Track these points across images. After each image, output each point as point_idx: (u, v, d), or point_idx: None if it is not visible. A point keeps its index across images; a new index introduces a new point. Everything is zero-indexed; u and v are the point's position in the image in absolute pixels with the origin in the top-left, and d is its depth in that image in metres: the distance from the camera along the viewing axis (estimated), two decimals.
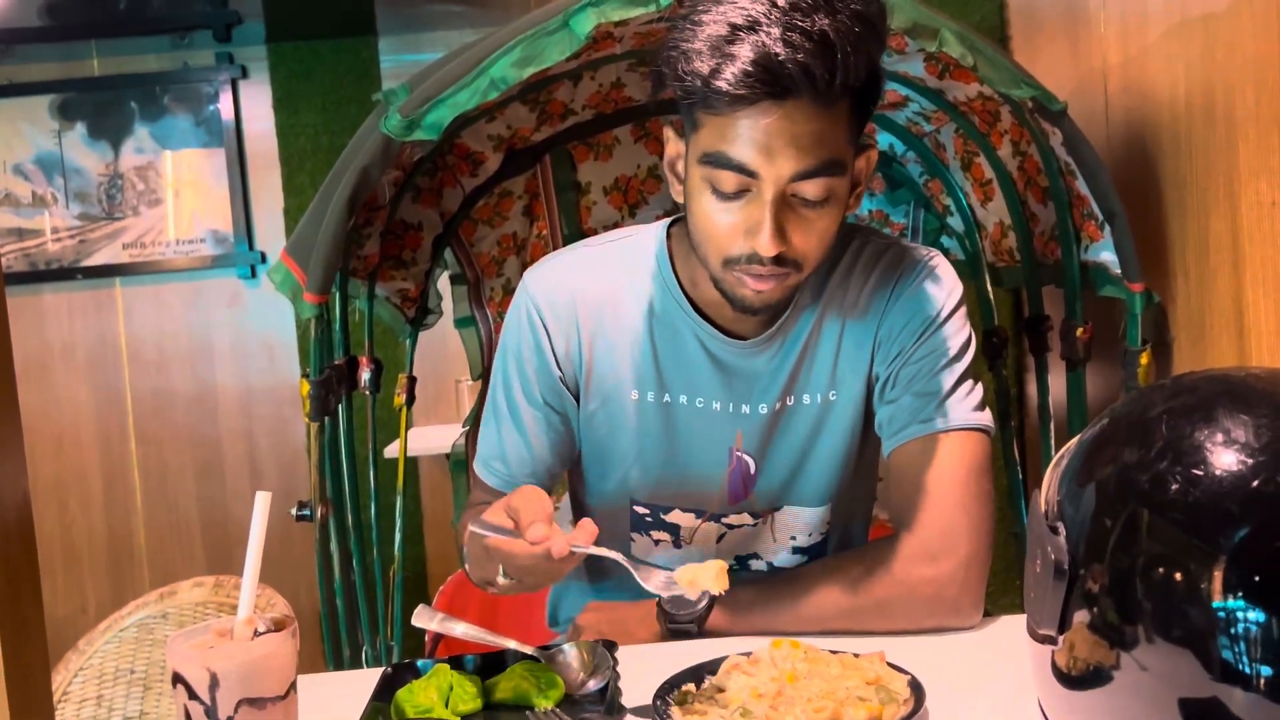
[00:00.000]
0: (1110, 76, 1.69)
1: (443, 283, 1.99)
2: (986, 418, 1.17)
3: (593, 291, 1.23)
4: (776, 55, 0.95)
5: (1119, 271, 1.46)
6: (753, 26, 0.97)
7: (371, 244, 1.73)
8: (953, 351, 1.18)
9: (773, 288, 1.09)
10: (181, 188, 2.91)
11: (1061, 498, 0.76)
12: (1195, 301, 1.42)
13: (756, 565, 1.30)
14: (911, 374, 1.17)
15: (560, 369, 1.23)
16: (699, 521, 1.26)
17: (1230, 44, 1.28)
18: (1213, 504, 0.67)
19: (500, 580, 1.06)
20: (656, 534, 1.28)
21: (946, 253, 1.97)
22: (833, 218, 1.07)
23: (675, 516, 1.26)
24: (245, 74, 2.88)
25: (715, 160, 1.03)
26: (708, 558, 1.28)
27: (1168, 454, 0.70)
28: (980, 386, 1.19)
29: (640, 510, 1.27)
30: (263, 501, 0.81)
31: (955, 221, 1.89)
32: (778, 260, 1.05)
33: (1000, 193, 1.73)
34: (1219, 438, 0.69)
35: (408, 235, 1.83)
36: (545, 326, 1.22)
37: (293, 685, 0.81)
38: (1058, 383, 1.70)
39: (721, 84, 0.97)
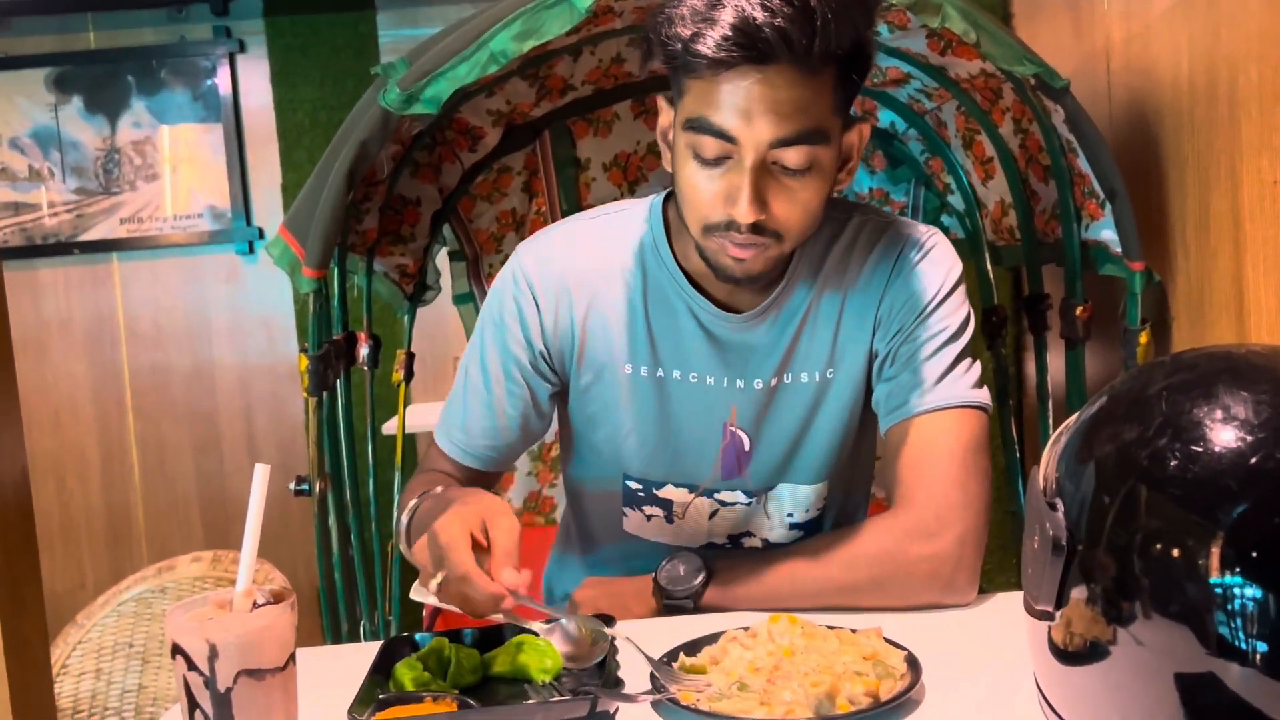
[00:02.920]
0: (1113, 54, 1.69)
1: (441, 259, 1.99)
2: (984, 395, 1.17)
3: (586, 265, 1.22)
4: (755, 19, 0.96)
5: (1119, 250, 1.46)
6: None
7: (370, 219, 1.72)
8: (952, 329, 1.18)
9: (753, 256, 1.08)
10: (179, 163, 2.90)
11: (1060, 474, 0.76)
12: (1195, 280, 1.42)
13: (750, 543, 1.30)
14: (910, 351, 1.17)
15: (546, 344, 1.23)
16: (691, 497, 1.26)
17: (1233, 21, 1.27)
18: (1212, 480, 0.67)
19: (431, 585, 1.01)
20: (649, 509, 1.28)
21: (947, 231, 1.96)
22: (816, 190, 1.07)
23: (668, 492, 1.26)
24: (243, 48, 2.86)
25: (697, 125, 1.04)
26: (699, 535, 1.29)
27: (1167, 430, 0.70)
28: (978, 365, 1.19)
29: (633, 485, 1.27)
30: (261, 474, 0.81)
31: (956, 200, 1.88)
32: (757, 229, 1.06)
33: (1001, 171, 1.73)
34: (1218, 414, 0.69)
35: (406, 210, 1.82)
36: (536, 300, 1.22)
37: (291, 657, 0.81)
38: (1056, 361, 1.70)
39: (701, 48, 0.98)
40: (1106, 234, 1.49)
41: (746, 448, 1.24)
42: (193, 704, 0.77)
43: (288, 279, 1.54)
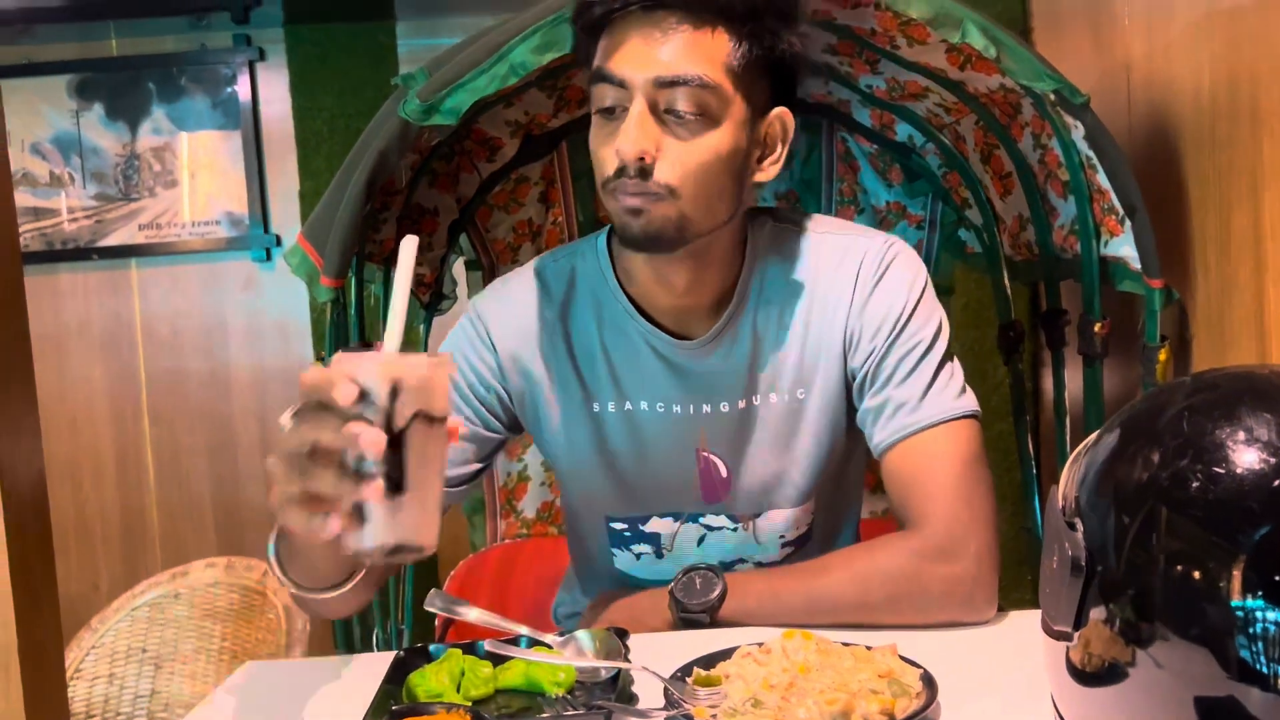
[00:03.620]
0: (1133, 69, 1.68)
1: (458, 268, 1.99)
2: (971, 402, 1.16)
3: (544, 309, 1.22)
4: None
5: (1138, 267, 1.45)
6: None
7: (388, 228, 1.73)
8: (927, 341, 1.16)
9: (642, 205, 1.07)
10: (197, 169, 2.91)
11: (1079, 493, 0.76)
12: (1216, 299, 1.41)
13: (741, 569, 1.28)
14: (889, 371, 1.16)
15: (507, 387, 1.22)
16: (678, 525, 1.25)
17: (1256, 38, 1.26)
18: (1233, 502, 0.67)
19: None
20: (637, 548, 1.27)
21: (964, 246, 1.97)
22: (714, 150, 1.07)
23: (654, 525, 1.25)
24: (263, 56, 2.87)
25: (594, 76, 1.09)
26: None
27: (1188, 451, 0.69)
28: (959, 368, 1.18)
29: (617, 526, 1.26)
30: (409, 245, 0.85)
31: (974, 214, 1.87)
32: (644, 174, 1.06)
33: (1020, 185, 1.72)
34: (1240, 435, 0.68)
35: (424, 220, 1.83)
36: (494, 345, 1.21)
37: (445, 416, 0.82)
38: (1074, 378, 1.69)
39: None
40: (1126, 250, 1.48)
41: (724, 474, 1.23)
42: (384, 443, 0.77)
43: (304, 286, 1.54)
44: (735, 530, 1.25)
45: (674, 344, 1.19)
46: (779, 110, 1.12)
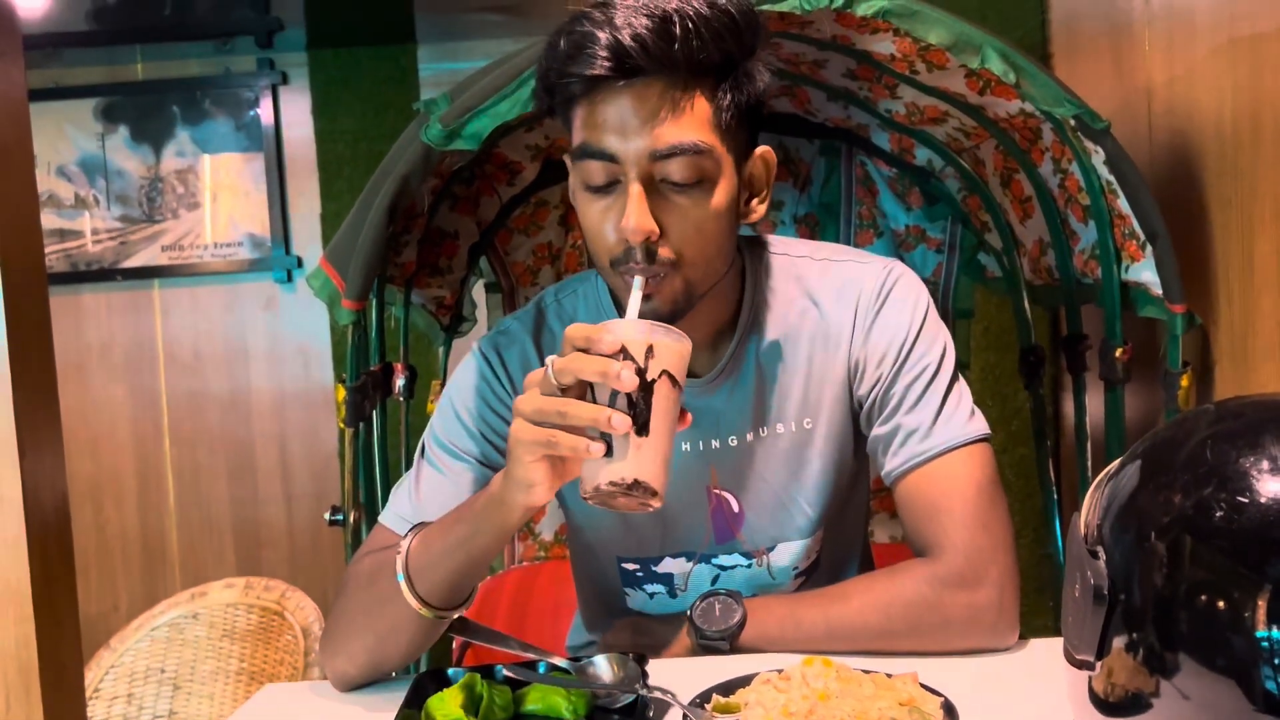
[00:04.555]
0: (1155, 95, 1.68)
1: (478, 291, 2.00)
2: (982, 424, 1.15)
3: (549, 348, 1.21)
4: (620, 36, 0.99)
5: (1160, 292, 1.44)
6: (604, 10, 1.02)
7: (409, 251, 1.74)
8: (934, 365, 1.15)
9: (653, 290, 1.05)
10: (220, 191, 2.94)
11: (1102, 521, 0.75)
12: (1239, 325, 1.40)
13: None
14: (896, 399, 1.15)
15: None
16: (690, 565, 1.24)
17: (1278, 65, 1.26)
18: (1259, 532, 0.66)
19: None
20: (650, 588, 1.26)
21: (984, 270, 1.96)
22: (713, 212, 1.05)
23: (666, 565, 1.24)
24: (286, 80, 2.90)
25: (582, 151, 1.05)
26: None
27: (1212, 480, 0.69)
28: (966, 389, 1.16)
29: (629, 567, 1.25)
30: (638, 285, 1.01)
31: (993, 238, 1.87)
32: (651, 255, 1.03)
33: (1040, 210, 1.72)
34: (1265, 464, 0.68)
35: (444, 243, 1.84)
36: (508, 378, 1.20)
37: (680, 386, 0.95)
38: (1095, 403, 1.68)
39: (574, 68, 1.01)
40: (1147, 275, 1.47)
41: (736, 509, 1.22)
42: (614, 395, 0.92)
43: (324, 307, 1.55)
44: (749, 566, 1.24)
45: None
46: (760, 150, 1.12)
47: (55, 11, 2.75)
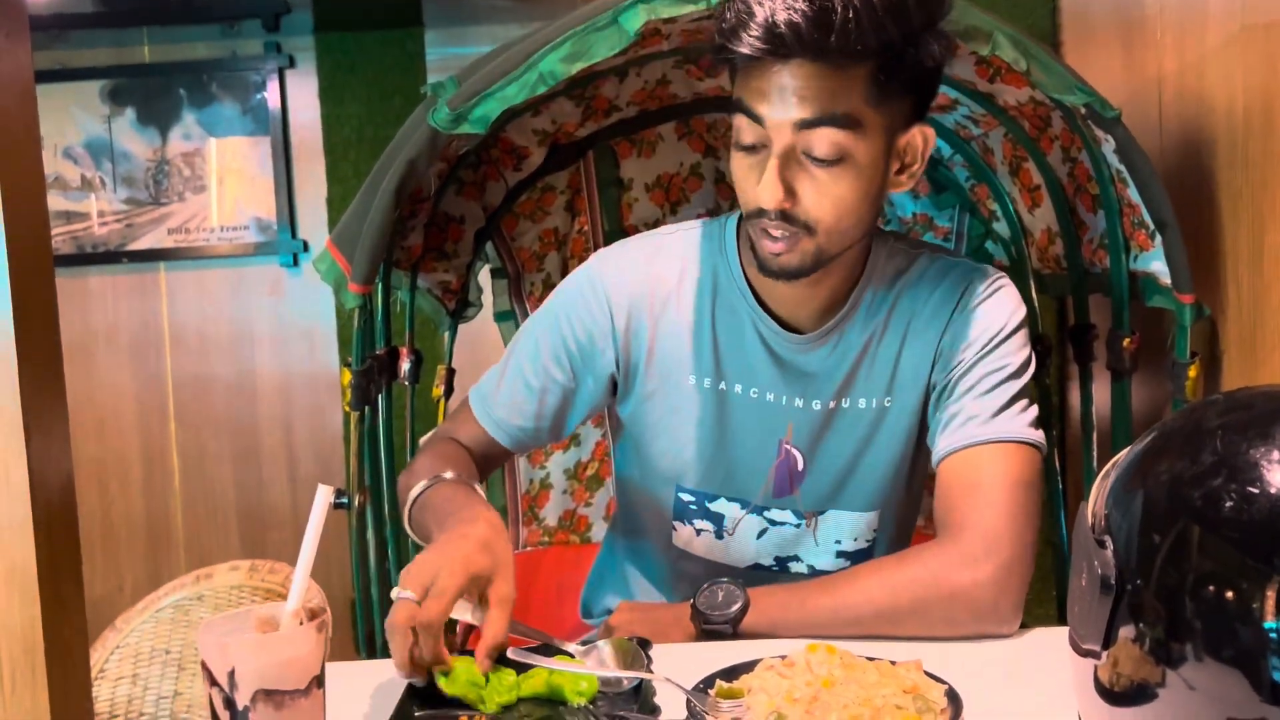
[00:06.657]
0: (1165, 84, 1.67)
1: (483, 276, 2.00)
2: (1039, 435, 1.17)
3: (663, 277, 1.25)
4: (776, 19, 1.02)
5: (1168, 282, 1.43)
6: None
7: (415, 235, 1.74)
8: (1012, 368, 1.18)
9: (783, 249, 1.11)
10: (226, 175, 2.93)
11: (1109, 511, 0.75)
12: (1248, 315, 1.40)
13: (796, 568, 1.29)
14: (969, 384, 1.18)
15: (616, 351, 1.24)
16: (743, 513, 1.27)
17: None
18: (1268, 522, 0.66)
19: (395, 593, 1.04)
20: (699, 523, 1.29)
21: (991, 258, 1.95)
22: (851, 184, 1.08)
23: (720, 506, 1.27)
24: (293, 64, 2.89)
25: (737, 106, 1.10)
26: (747, 555, 1.28)
27: (1222, 470, 0.69)
28: (1035, 408, 1.19)
29: (685, 497, 1.28)
30: (323, 496, 0.82)
31: (1001, 227, 1.86)
32: (786, 218, 1.08)
33: (1048, 199, 1.71)
34: (1275, 455, 0.67)
35: (450, 227, 1.83)
36: (610, 307, 1.24)
37: (316, 680, 0.81)
38: (1102, 393, 1.68)
39: (734, 44, 1.05)
40: (1156, 265, 1.47)
41: (800, 467, 1.25)
42: (215, 717, 0.80)
43: (330, 291, 1.55)
44: (798, 526, 1.26)
45: (782, 335, 1.22)
46: (919, 126, 1.13)
47: None
